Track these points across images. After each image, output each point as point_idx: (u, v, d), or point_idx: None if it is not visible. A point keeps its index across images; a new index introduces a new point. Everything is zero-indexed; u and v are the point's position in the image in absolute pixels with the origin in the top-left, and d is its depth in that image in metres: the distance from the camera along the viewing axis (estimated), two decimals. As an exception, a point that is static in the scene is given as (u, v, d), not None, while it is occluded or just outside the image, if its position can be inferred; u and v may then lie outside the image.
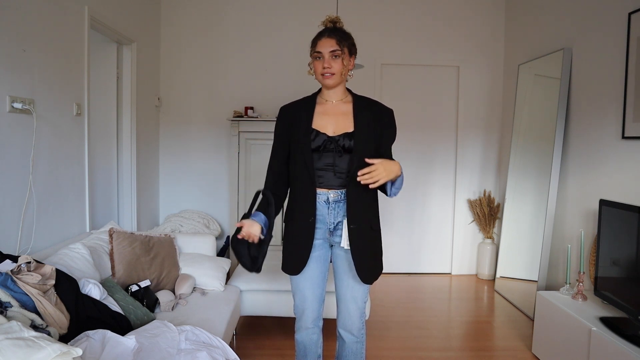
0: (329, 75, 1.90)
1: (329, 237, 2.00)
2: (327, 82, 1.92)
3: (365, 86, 4.72)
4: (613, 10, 3.08)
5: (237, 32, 4.69)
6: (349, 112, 1.96)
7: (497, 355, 3.06)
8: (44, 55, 2.62)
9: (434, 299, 4.18)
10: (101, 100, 3.74)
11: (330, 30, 1.93)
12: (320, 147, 1.91)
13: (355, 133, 1.90)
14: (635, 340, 2.21)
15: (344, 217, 1.95)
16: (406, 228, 4.89)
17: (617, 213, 2.59)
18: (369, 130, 1.93)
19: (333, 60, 1.89)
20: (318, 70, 1.92)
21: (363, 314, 2.06)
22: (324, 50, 1.89)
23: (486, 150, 4.85)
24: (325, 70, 1.90)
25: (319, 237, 1.99)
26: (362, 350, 2.11)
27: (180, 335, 2.06)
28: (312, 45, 1.95)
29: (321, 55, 1.90)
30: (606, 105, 3.12)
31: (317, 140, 1.91)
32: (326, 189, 1.94)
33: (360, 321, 2.05)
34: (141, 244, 2.80)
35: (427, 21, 4.75)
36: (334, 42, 1.89)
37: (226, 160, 4.73)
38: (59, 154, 2.79)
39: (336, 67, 1.90)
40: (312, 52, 1.94)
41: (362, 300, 2.04)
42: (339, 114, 1.96)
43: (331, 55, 1.89)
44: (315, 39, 1.94)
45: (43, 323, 1.73)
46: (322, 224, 1.97)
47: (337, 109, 1.98)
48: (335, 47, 1.88)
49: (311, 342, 2.11)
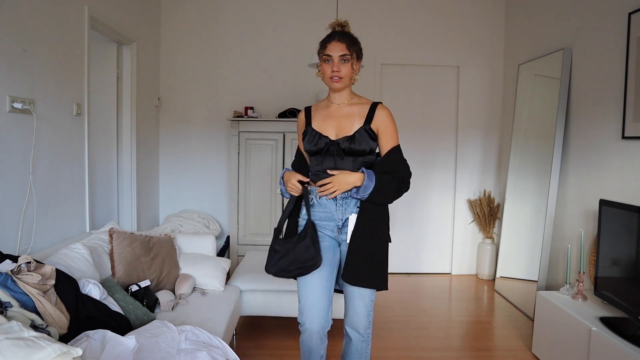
0: (338, 79, 1.94)
1: (338, 234, 2.02)
2: (335, 85, 1.96)
3: (365, 86, 4.72)
4: (613, 10, 3.07)
5: (237, 32, 4.69)
6: (352, 115, 1.99)
7: (497, 355, 3.06)
8: (44, 55, 2.62)
9: (434, 299, 4.18)
10: (101, 100, 3.74)
11: (340, 34, 1.95)
12: (323, 150, 1.96)
13: (355, 136, 1.94)
14: (635, 340, 2.21)
15: (351, 213, 1.97)
16: (406, 228, 4.89)
17: (617, 213, 2.59)
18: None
19: (342, 64, 1.93)
20: (327, 73, 1.96)
21: (370, 312, 2.05)
22: (333, 54, 1.93)
23: (486, 150, 4.85)
24: (334, 74, 1.94)
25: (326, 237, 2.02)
26: (367, 350, 2.11)
27: (180, 335, 2.06)
28: (321, 48, 1.97)
29: (331, 59, 1.94)
30: (606, 105, 3.12)
31: (320, 144, 1.96)
32: None
33: (367, 320, 2.04)
34: (141, 244, 2.80)
35: (427, 21, 4.75)
36: (344, 46, 1.93)
37: (226, 160, 4.73)
38: (59, 154, 2.79)
39: (345, 71, 1.94)
40: (321, 55, 1.96)
41: (369, 299, 2.02)
42: (342, 117, 2.00)
43: (341, 59, 1.93)
44: (324, 42, 1.97)
45: (43, 323, 1.73)
46: (330, 221, 2.00)
47: (341, 111, 2.01)
48: (345, 52, 1.92)
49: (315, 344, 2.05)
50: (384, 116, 1.98)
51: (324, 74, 1.98)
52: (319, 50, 1.99)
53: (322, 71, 1.98)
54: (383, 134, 1.98)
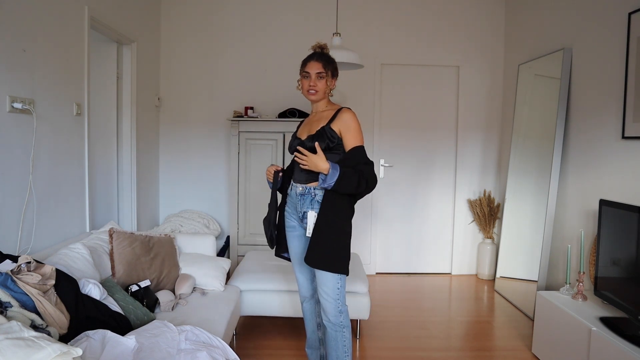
0: (314, 92, 2.29)
1: (300, 223, 2.35)
2: (312, 97, 2.31)
3: (365, 86, 4.72)
4: (613, 10, 3.08)
5: (237, 32, 4.69)
6: (321, 119, 2.30)
7: (497, 355, 3.06)
8: (44, 55, 2.62)
9: (434, 299, 4.18)
10: (101, 100, 3.74)
11: (318, 55, 2.30)
12: (291, 148, 2.33)
13: (316, 134, 2.22)
14: (635, 340, 2.21)
15: (308, 208, 2.25)
16: (406, 228, 4.89)
17: (617, 213, 2.59)
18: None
19: (318, 80, 2.28)
20: (305, 87, 2.31)
21: (337, 300, 2.24)
22: (311, 71, 2.27)
23: (486, 150, 4.85)
24: (311, 88, 2.28)
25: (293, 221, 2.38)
26: (343, 339, 2.28)
27: (180, 335, 2.06)
28: (302, 66, 2.31)
29: (309, 75, 2.28)
30: (606, 105, 3.12)
31: (293, 144, 2.33)
32: (296, 183, 2.32)
33: (336, 307, 2.24)
34: (141, 244, 2.80)
35: (427, 21, 4.75)
36: (321, 65, 2.27)
37: (226, 160, 4.73)
38: (59, 154, 2.79)
39: (320, 86, 2.28)
40: (301, 71, 2.31)
41: (333, 285, 2.22)
42: (314, 122, 2.33)
43: (317, 76, 2.27)
44: (305, 61, 2.32)
45: (43, 323, 1.73)
46: (295, 211, 2.35)
47: (315, 117, 2.35)
48: (321, 70, 2.27)
49: (308, 311, 2.53)
50: (346, 118, 2.23)
51: (302, 87, 2.32)
52: (300, 67, 2.32)
53: (301, 85, 2.33)
54: (345, 134, 2.22)
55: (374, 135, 4.73)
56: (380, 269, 4.89)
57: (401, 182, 4.84)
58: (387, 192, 4.81)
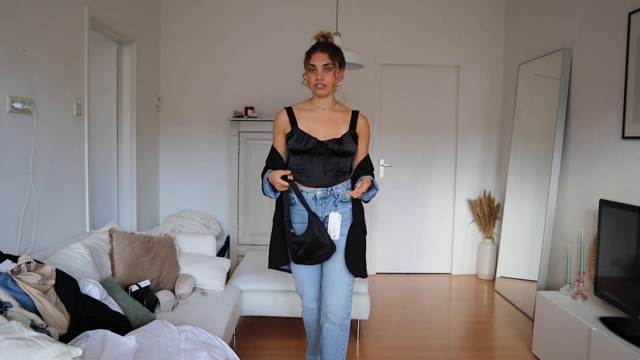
0: (322, 87, 2.13)
1: None
2: (320, 92, 2.15)
3: (365, 86, 4.72)
4: (613, 10, 3.08)
5: (237, 32, 4.69)
6: (337, 120, 2.19)
7: (497, 355, 3.06)
8: (44, 55, 2.62)
9: (434, 299, 4.18)
10: (101, 100, 3.74)
11: (323, 45, 2.14)
12: (312, 149, 2.13)
13: (343, 139, 2.15)
14: (635, 340, 2.21)
15: (331, 210, 2.16)
16: (406, 228, 4.89)
17: (617, 213, 2.59)
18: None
19: (325, 72, 2.12)
20: (312, 81, 2.15)
21: (349, 302, 2.21)
22: (317, 64, 2.11)
23: (486, 150, 4.85)
24: (318, 82, 2.13)
25: None
26: (345, 340, 2.25)
27: (180, 335, 2.06)
28: (306, 58, 2.16)
29: (315, 68, 2.12)
30: (606, 105, 3.12)
31: (309, 144, 2.13)
32: (314, 187, 2.16)
33: (345, 310, 2.20)
34: (141, 244, 2.80)
35: (427, 21, 4.75)
36: (327, 56, 2.11)
37: (226, 160, 4.73)
38: (58, 154, 2.79)
39: (328, 79, 2.13)
40: (306, 65, 2.16)
41: (348, 288, 2.20)
42: (328, 121, 2.19)
43: (324, 68, 2.12)
44: (309, 52, 2.16)
45: (43, 323, 1.73)
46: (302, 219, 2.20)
47: (327, 116, 2.20)
48: (328, 61, 2.11)
49: (314, 317, 2.39)
50: (364, 124, 2.22)
51: (309, 82, 2.17)
52: (304, 60, 2.16)
53: (307, 79, 2.18)
54: (360, 141, 2.20)
55: (374, 135, 4.73)
56: (381, 269, 4.89)
57: (401, 182, 4.84)
58: (387, 192, 4.81)
